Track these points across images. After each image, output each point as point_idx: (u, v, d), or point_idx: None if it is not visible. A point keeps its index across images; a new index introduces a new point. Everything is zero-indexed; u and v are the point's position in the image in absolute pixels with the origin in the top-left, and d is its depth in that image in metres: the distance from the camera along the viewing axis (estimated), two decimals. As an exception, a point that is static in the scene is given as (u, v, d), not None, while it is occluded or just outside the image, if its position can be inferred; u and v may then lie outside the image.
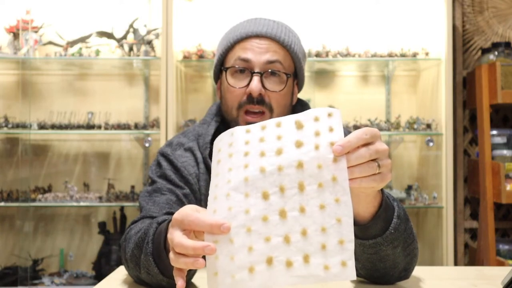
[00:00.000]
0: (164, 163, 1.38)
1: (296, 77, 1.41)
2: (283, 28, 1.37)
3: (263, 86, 1.31)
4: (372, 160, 0.85)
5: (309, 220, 0.81)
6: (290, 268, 0.79)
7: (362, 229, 1.03)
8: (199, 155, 1.39)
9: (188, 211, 0.86)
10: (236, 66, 1.33)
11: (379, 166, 0.86)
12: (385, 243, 1.05)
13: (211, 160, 1.31)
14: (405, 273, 1.16)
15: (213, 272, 0.81)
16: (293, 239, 0.81)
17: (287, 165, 0.83)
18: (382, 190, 1.02)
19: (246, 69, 1.33)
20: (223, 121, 1.44)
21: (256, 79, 1.31)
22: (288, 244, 0.80)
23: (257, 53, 1.32)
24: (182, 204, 1.32)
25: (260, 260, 0.80)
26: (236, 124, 1.32)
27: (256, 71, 1.31)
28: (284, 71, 1.34)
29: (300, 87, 1.42)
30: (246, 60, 1.33)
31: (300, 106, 1.44)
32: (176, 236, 0.84)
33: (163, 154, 1.40)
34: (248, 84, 1.32)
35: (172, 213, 1.27)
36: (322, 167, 0.82)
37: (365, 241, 1.05)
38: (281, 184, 0.82)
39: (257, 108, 1.32)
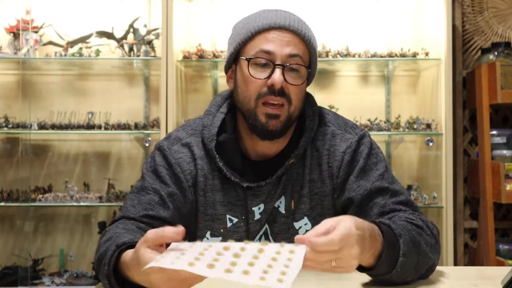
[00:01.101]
0: (158, 158, 1.37)
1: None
2: (302, 22, 1.37)
3: (284, 79, 1.31)
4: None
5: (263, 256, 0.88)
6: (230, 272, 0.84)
7: (367, 271, 1.10)
8: (197, 150, 1.37)
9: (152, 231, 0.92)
10: (259, 57, 1.31)
11: (334, 264, 0.94)
12: (394, 277, 1.12)
13: (216, 153, 1.33)
14: (421, 278, 1.23)
15: None
16: (242, 256, 0.87)
17: (249, 248, 0.89)
18: (382, 232, 1.08)
19: (268, 61, 1.31)
20: (229, 112, 1.41)
21: (278, 72, 1.29)
22: (238, 257, 0.87)
23: (279, 45, 1.31)
24: (164, 205, 1.31)
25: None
26: (254, 116, 1.31)
27: (277, 63, 1.30)
28: (304, 65, 1.33)
29: (310, 81, 1.41)
30: (268, 52, 1.31)
31: (306, 97, 1.43)
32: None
33: (159, 148, 1.39)
34: (269, 76, 1.30)
35: (150, 216, 1.28)
36: (281, 251, 0.89)
37: (373, 276, 1.14)
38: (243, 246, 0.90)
39: (277, 100, 1.30)
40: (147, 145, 3.06)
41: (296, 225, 1.37)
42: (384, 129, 3.01)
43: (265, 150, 1.37)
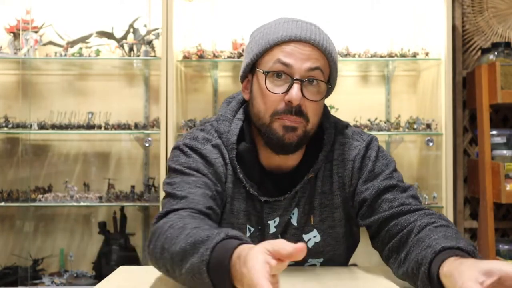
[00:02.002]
0: (195, 156, 1.30)
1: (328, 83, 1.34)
2: (323, 34, 1.32)
3: (302, 94, 1.24)
4: None
5: None
6: None
7: None
8: (226, 155, 1.32)
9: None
10: (277, 70, 1.25)
11: None
12: None
13: (237, 162, 1.30)
14: None
15: None
16: None
17: None
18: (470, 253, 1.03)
19: (286, 75, 1.25)
20: (246, 120, 1.36)
21: (296, 87, 1.23)
22: None
23: (299, 59, 1.25)
24: (215, 202, 1.26)
25: None
26: (269, 130, 1.26)
27: (296, 77, 1.24)
28: (323, 80, 1.28)
29: (327, 96, 1.34)
30: (286, 65, 1.25)
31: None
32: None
33: (191, 147, 1.32)
34: (287, 90, 1.24)
35: (211, 208, 1.21)
36: None
37: None
38: None
39: (294, 119, 1.24)
40: (147, 145, 3.06)
41: (305, 237, 1.35)
42: (384, 129, 3.01)
43: (281, 163, 1.34)
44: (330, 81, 1.32)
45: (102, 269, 2.97)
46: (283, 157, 1.32)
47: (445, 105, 2.88)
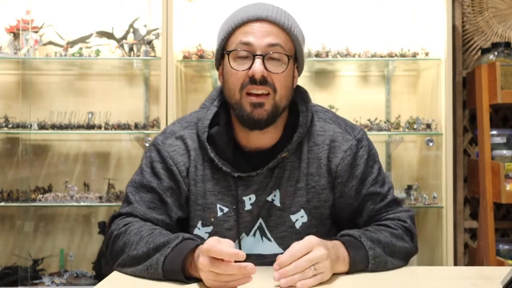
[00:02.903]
0: (153, 153, 1.44)
1: (296, 60, 1.42)
2: (282, 12, 1.39)
3: (265, 68, 1.32)
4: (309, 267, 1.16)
5: None
6: None
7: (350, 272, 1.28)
8: (190, 142, 1.42)
9: (213, 242, 1.13)
10: (238, 49, 1.34)
11: (315, 269, 1.17)
12: (374, 268, 1.30)
13: (208, 145, 1.39)
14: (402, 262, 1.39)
15: None
16: None
17: None
18: (343, 242, 1.29)
19: (248, 53, 1.33)
20: (223, 105, 1.45)
21: (258, 61, 1.31)
22: None
23: (258, 36, 1.33)
24: (163, 202, 1.40)
25: None
26: (240, 107, 1.34)
27: (257, 53, 1.32)
28: (286, 54, 1.35)
29: (300, 70, 1.43)
30: (247, 44, 1.33)
31: (298, 93, 1.45)
32: (211, 261, 1.12)
33: (154, 143, 1.45)
34: (250, 67, 1.32)
35: (153, 217, 1.38)
36: None
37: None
38: None
39: (260, 89, 1.32)
40: (147, 145, 3.06)
41: (293, 217, 1.40)
42: (384, 129, 3.01)
43: (258, 142, 1.40)
44: (296, 56, 1.40)
45: (102, 269, 2.97)
46: (259, 136, 1.39)
47: (445, 105, 2.89)
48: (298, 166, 1.40)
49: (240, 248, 1.39)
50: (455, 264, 3.04)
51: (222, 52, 1.40)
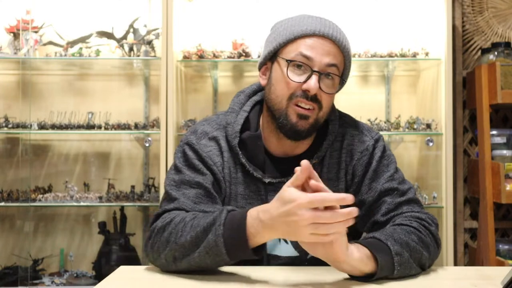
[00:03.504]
0: (190, 152, 1.42)
1: (342, 78, 1.45)
2: (343, 33, 1.42)
3: (319, 86, 1.35)
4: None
5: None
6: None
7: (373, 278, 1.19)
8: (223, 144, 1.43)
9: (312, 195, 1.09)
10: (298, 60, 1.35)
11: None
12: (398, 275, 1.21)
13: (239, 149, 1.40)
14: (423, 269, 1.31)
15: None
16: None
17: None
18: (374, 254, 1.18)
19: (307, 66, 1.35)
20: (253, 110, 1.47)
21: (315, 78, 1.34)
22: None
23: (320, 53, 1.35)
24: (211, 196, 1.37)
25: None
26: (285, 115, 1.36)
27: (315, 69, 1.34)
28: (339, 75, 1.39)
29: (339, 89, 1.46)
30: (308, 58, 1.35)
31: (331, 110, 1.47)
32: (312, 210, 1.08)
33: (188, 143, 1.44)
34: (306, 80, 1.34)
35: (201, 211, 1.32)
36: None
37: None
38: None
39: (309, 104, 1.35)
40: (147, 145, 3.06)
41: None
42: (384, 129, 3.01)
43: (288, 150, 1.43)
44: (343, 77, 1.43)
45: (102, 269, 2.97)
46: (292, 144, 1.41)
47: (445, 105, 2.89)
48: (320, 171, 1.42)
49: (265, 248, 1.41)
50: (455, 264, 3.04)
51: (274, 54, 1.41)
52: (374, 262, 1.18)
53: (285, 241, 1.42)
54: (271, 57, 1.42)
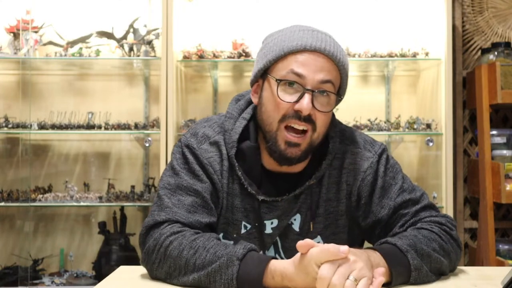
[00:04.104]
0: (190, 156, 1.33)
1: (339, 93, 1.35)
2: (337, 45, 1.31)
3: (312, 105, 1.25)
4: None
5: None
6: None
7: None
8: (224, 151, 1.34)
9: (314, 251, 1.06)
10: (289, 79, 1.26)
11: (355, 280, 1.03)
12: (413, 283, 1.17)
13: (236, 160, 1.32)
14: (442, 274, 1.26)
15: None
16: None
17: None
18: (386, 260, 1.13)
19: (298, 85, 1.25)
20: (252, 118, 1.37)
21: (307, 97, 1.24)
22: None
23: (312, 70, 1.25)
24: (207, 207, 1.29)
25: None
26: (274, 140, 1.28)
27: (308, 88, 1.25)
28: (334, 92, 1.29)
29: (336, 105, 1.35)
30: (299, 75, 1.25)
31: (333, 126, 1.37)
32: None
33: (188, 145, 1.35)
34: (298, 100, 1.25)
35: (196, 221, 1.25)
36: None
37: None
38: None
39: (302, 125, 1.26)
40: (147, 145, 3.06)
41: None
42: (384, 129, 3.01)
43: (286, 168, 1.34)
44: (340, 92, 1.33)
45: (102, 269, 2.97)
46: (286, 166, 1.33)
47: (445, 105, 2.89)
48: (319, 192, 1.35)
49: None
50: (455, 264, 3.04)
51: (264, 71, 1.32)
52: (388, 275, 1.13)
53: (281, 256, 1.36)
54: (262, 75, 1.33)
